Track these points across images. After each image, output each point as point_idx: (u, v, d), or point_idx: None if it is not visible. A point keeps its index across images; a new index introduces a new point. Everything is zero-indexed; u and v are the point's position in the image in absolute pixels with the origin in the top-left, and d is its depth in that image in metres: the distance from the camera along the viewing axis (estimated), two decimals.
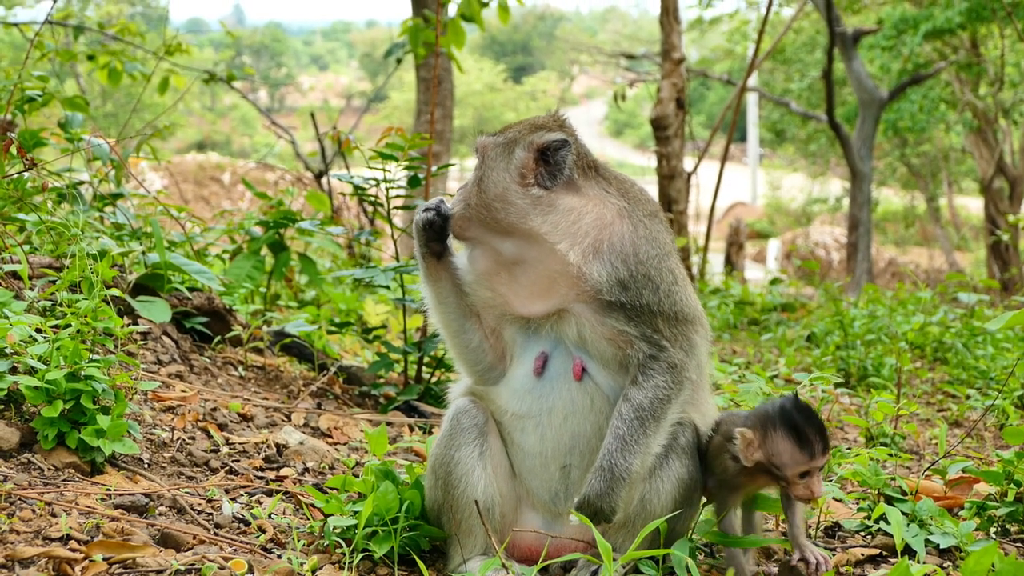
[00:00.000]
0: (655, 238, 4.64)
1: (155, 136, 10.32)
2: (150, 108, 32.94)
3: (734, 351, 11.98)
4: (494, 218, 4.63)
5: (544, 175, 4.63)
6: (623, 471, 4.41)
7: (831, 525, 5.50)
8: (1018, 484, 5.41)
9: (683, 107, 15.71)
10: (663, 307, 4.54)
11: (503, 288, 4.71)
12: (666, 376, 4.50)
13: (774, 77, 42.51)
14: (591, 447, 4.56)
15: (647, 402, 4.46)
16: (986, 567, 3.84)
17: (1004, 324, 5.35)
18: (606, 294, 4.48)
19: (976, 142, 32.10)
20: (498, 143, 4.74)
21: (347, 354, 9.31)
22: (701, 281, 17.49)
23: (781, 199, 60.69)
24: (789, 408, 4.44)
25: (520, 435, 4.67)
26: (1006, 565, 3.82)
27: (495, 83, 76.43)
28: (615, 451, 4.42)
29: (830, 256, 42.17)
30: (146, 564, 4.06)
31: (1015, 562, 3.82)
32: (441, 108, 17.91)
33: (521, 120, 4.88)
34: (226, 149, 61.36)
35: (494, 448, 4.64)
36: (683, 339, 4.60)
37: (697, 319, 4.69)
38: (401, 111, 60.64)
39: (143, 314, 6.80)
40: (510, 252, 4.66)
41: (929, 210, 44.44)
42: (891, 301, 13.42)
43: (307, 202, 10.90)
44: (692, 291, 4.75)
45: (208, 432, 6.02)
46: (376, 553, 4.45)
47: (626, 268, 4.51)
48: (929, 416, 9.04)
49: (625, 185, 4.81)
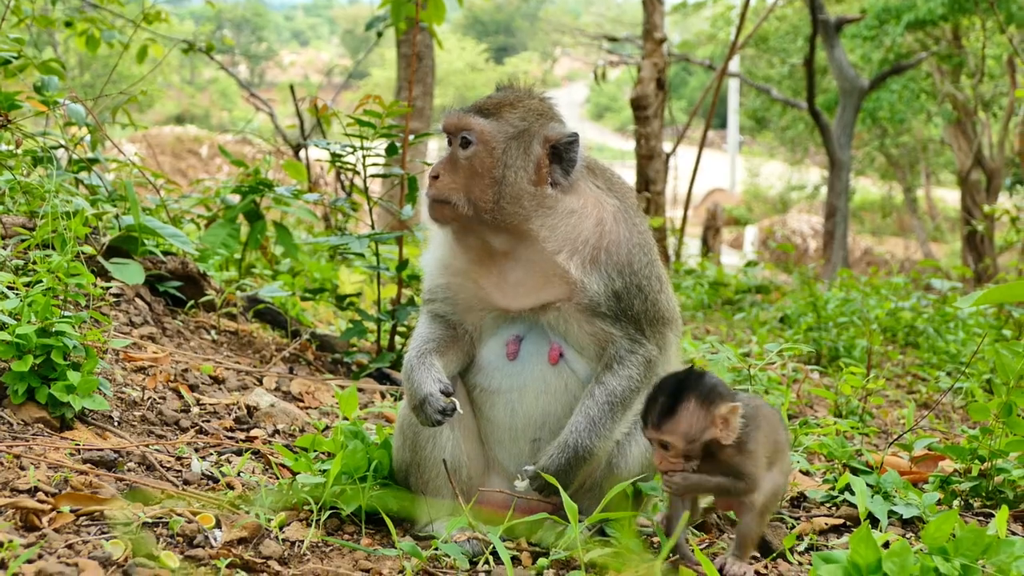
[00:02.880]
0: (646, 243, 4.67)
1: (131, 102, 10.28)
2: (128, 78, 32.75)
3: (707, 330, 12.04)
4: (500, 217, 4.49)
5: (559, 173, 4.54)
6: (586, 451, 4.45)
7: (797, 496, 5.54)
8: (982, 460, 5.46)
9: (663, 88, 15.75)
10: (649, 313, 4.60)
11: (488, 282, 4.64)
12: (640, 369, 4.55)
13: (756, 64, 42.56)
14: (562, 424, 4.57)
15: (619, 389, 4.50)
16: (946, 534, 3.87)
17: (974, 301, 5.39)
18: (602, 306, 4.50)
19: (955, 134, 32.18)
20: (509, 134, 4.55)
21: (321, 323, 9.32)
22: (677, 262, 17.54)
23: (759, 186, 60.84)
24: (669, 375, 4.30)
25: (490, 409, 4.67)
26: (966, 532, 3.85)
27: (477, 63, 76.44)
28: (582, 431, 4.45)
29: (806, 244, 42.28)
30: (113, 516, 4.05)
31: (975, 529, 3.85)
32: (422, 85, 17.91)
33: (504, 94, 4.71)
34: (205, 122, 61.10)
35: (462, 412, 4.64)
36: (660, 337, 4.66)
37: (674, 320, 4.78)
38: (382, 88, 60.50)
39: (116, 276, 6.78)
40: (501, 246, 4.58)
41: (906, 200, 44.60)
42: (865, 286, 13.48)
43: (284, 171, 10.88)
44: (671, 291, 4.81)
45: (179, 393, 6.03)
46: (344, 511, 4.46)
47: (621, 279, 4.53)
48: (898, 397, 9.11)
49: (609, 177, 4.79)
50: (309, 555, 4.13)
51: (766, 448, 4.26)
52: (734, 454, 4.15)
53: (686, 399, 4.11)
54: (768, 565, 4.48)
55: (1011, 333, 10.51)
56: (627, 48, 35.12)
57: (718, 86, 19.56)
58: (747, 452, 4.17)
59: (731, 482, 4.17)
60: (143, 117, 35.38)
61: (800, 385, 8.27)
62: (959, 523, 3.91)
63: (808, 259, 35.19)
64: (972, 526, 3.88)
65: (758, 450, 4.21)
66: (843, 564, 3.77)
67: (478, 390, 4.71)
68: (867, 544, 3.74)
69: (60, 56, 25.99)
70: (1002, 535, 4.15)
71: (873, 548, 3.73)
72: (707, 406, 4.11)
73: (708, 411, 4.11)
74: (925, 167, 44.59)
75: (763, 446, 4.24)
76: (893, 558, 3.70)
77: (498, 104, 4.63)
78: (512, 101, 4.65)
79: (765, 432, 4.27)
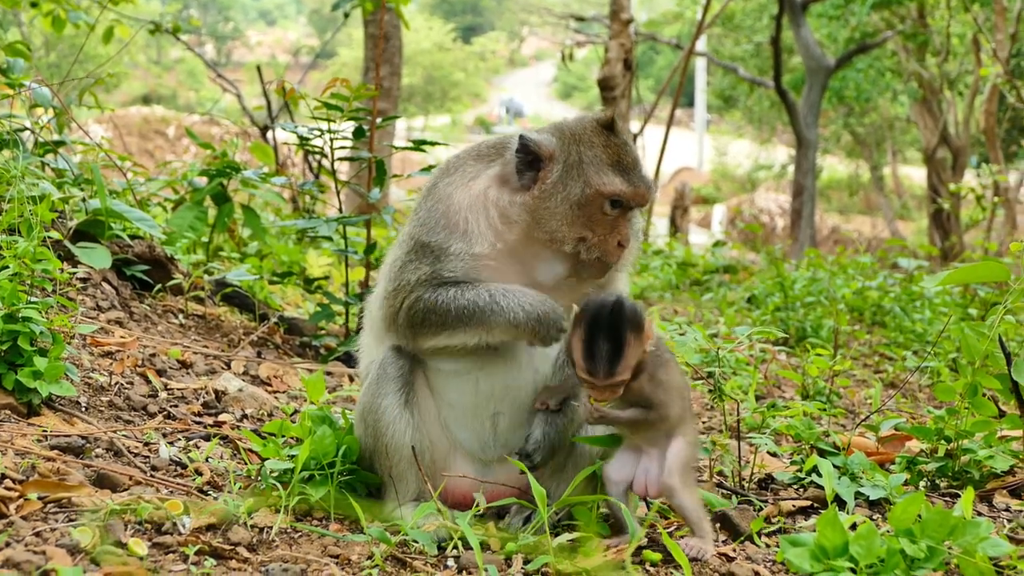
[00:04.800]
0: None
1: (98, 84, 10.21)
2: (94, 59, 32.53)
3: (675, 311, 12.06)
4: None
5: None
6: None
7: (764, 477, 5.57)
8: (948, 440, 5.50)
9: (630, 68, 15.74)
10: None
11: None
12: None
13: (723, 43, 42.59)
14: (523, 396, 4.59)
15: None
16: (912, 516, 3.90)
17: (940, 281, 5.43)
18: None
19: (920, 112, 32.31)
20: None
21: (289, 306, 9.30)
22: (645, 243, 17.56)
23: (727, 165, 60.96)
24: (591, 314, 4.23)
25: (450, 392, 4.66)
26: (932, 514, 3.88)
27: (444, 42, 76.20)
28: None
29: (774, 222, 42.39)
30: (81, 503, 4.05)
31: (941, 511, 3.88)
32: (389, 65, 17.82)
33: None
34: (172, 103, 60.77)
35: (421, 396, 4.62)
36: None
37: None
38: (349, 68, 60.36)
39: (83, 260, 6.75)
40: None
41: (873, 179, 44.77)
42: (832, 266, 13.54)
43: (251, 154, 10.84)
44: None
45: (147, 377, 6.01)
46: (312, 497, 4.46)
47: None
48: (865, 377, 9.15)
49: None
50: (278, 541, 4.12)
51: (677, 386, 4.36)
52: (646, 383, 4.25)
53: (626, 335, 4.16)
54: (736, 548, 4.50)
55: (977, 312, 10.57)
56: (595, 28, 35.09)
57: (685, 65, 19.59)
58: (657, 381, 4.27)
59: (643, 412, 4.27)
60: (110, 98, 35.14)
61: (767, 366, 8.30)
62: (925, 505, 3.93)
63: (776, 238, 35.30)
64: (938, 508, 3.90)
65: (669, 381, 4.31)
66: (810, 547, 3.80)
67: (438, 372, 4.70)
68: (834, 527, 3.76)
69: (26, 37, 25.84)
70: (968, 516, 4.18)
71: (840, 531, 3.76)
72: (640, 330, 4.20)
73: (641, 335, 4.20)
74: (891, 145, 44.73)
75: (673, 379, 4.35)
76: (860, 541, 3.73)
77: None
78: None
79: (675, 368, 4.41)
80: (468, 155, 4.75)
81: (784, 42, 28.47)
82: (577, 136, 4.54)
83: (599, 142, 4.52)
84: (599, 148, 4.50)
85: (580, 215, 4.44)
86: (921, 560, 3.80)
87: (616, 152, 4.51)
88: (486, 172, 4.63)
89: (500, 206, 4.50)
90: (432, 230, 4.53)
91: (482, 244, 4.48)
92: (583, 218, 4.45)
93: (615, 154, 4.50)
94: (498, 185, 4.56)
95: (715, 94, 49.55)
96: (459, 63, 76.00)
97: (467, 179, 4.60)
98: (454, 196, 4.56)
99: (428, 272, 4.49)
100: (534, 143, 4.49)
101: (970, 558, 3.82)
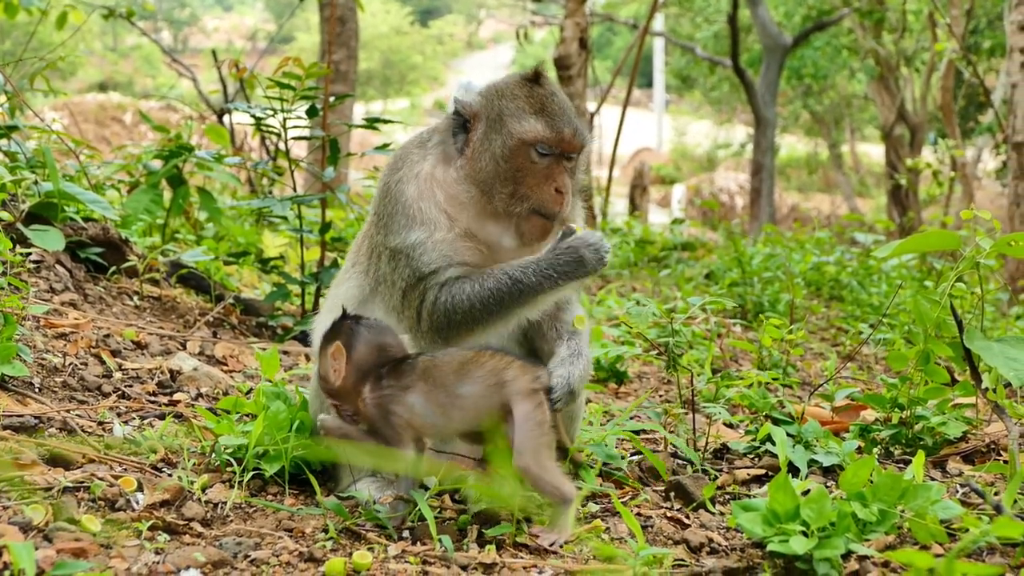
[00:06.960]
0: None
1: (50, 68, 10.15)
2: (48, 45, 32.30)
3: (633, 288, 12.08)
4: None
5: None
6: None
7: (720, 447, 5.59)
8: (902, 408, 5.54)
9: (586, 47, 15.71)
10: None
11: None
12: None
13: (680, 23, 42.65)
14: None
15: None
16: (863, 479, 3.93)
17: (892, 251, 5.46)
18: None
19: (878, 89, 32.39)
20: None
21: (245, 287, 9.28)
22: (603, 221, 17.59)
23: (687, 145, 61.11)
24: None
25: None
26: (883, 478, 3.91)
27: (401, 26, 75.94)
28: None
29: (733, 201, 42.52)
30: (34, 482, 4.03)
31: (892, 475, 3.91)
32: (346, 49, 17.76)
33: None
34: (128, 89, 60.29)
35: None
36: None
37: None
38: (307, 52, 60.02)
39: (36, 242, 6.71)
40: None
41: (831, 156, 44.92)
42: (790, 242, 13.60)
43: (207, 136, 10.79)
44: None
45: (101, 358, 5.98)
46: (267, 472, 4.45)
47: None
48: (823, 350, 9.20)
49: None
50: (232, 516, 4.12)
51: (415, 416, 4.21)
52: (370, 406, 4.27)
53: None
54: (689, 515, 4.52)
55: (933, 284, 10.64)
56: (551, 8, 35.07)
57: (640, 44, 19.57)
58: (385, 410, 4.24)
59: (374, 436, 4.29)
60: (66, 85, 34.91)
61: (723, 339, 8.34)
62: (877, 469, 3.97)
63: (735, 216, 35.40)
64: (889, 472, 3.95)
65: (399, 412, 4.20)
66: (762, 512, 3.82)
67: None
68: (785, 491, 3.79)
69: None
70: (919, 480, 4.22)
71: (791, 495, 3.78)
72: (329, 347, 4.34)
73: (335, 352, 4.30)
74: (849, 123, 44.95)
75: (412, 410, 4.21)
76: (811, 504, 3.75)
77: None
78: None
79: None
80: (411, 144, 4.72)
81: (741, 21, 28.53)
82: (500, 91, 4.52)
83: (522, 93, 4.49)
84: (521, 99, 4.47)
85: (509, 169, 4.41)
86: (873, 523, 3.84)
87: (539, 101, 4.47)
88: (430, 155, 4.60)
89: (446, 185, 4.48)
90: (395, 232, 4.49)
91: (441, 228, 4.45)
92: (512, 171, 4.41)
93: (538, 102, 4.46)
94: (443, 164, 4.54)
95: (673, 74, 49.58)
96: (417, 47, 75.73)
97: (414, 170, 4.56)
98: (405, 191, 4.51)
99: (409, 273, 4.44)
100: (460, 103, 4.48)
101: (921, 521, 3.86)
